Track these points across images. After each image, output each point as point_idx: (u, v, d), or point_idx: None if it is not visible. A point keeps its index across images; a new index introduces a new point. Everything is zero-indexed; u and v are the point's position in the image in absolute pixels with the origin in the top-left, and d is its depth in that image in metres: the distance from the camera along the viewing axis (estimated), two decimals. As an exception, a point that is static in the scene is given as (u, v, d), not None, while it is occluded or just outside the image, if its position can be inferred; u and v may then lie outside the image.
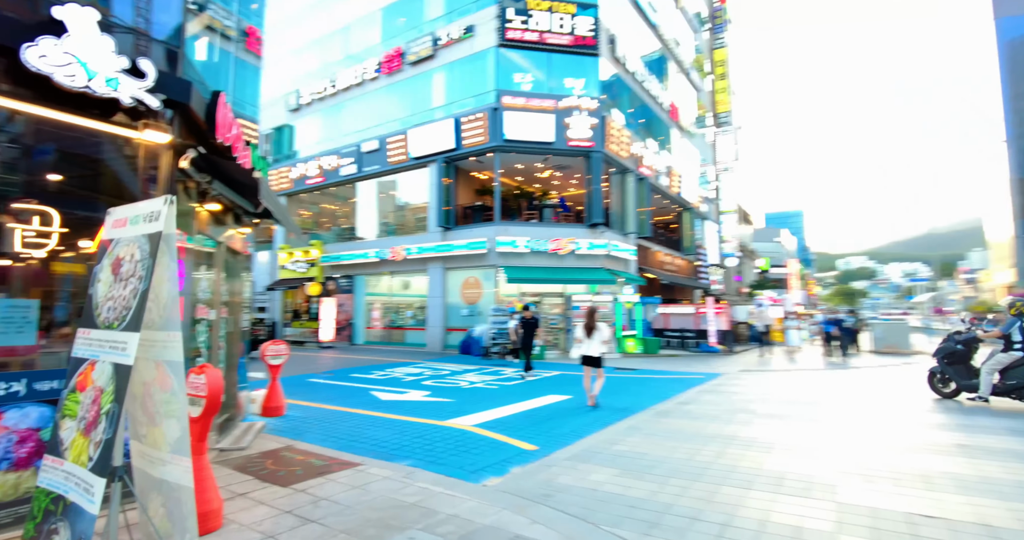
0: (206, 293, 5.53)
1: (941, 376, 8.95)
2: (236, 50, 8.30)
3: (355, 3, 24.76)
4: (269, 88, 27.71)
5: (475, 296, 19.08)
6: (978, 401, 8.33)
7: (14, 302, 3.65)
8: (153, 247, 2.26)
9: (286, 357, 8.04)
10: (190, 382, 3.77)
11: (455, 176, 20.32)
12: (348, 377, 12.43)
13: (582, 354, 8.57)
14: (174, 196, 2.35)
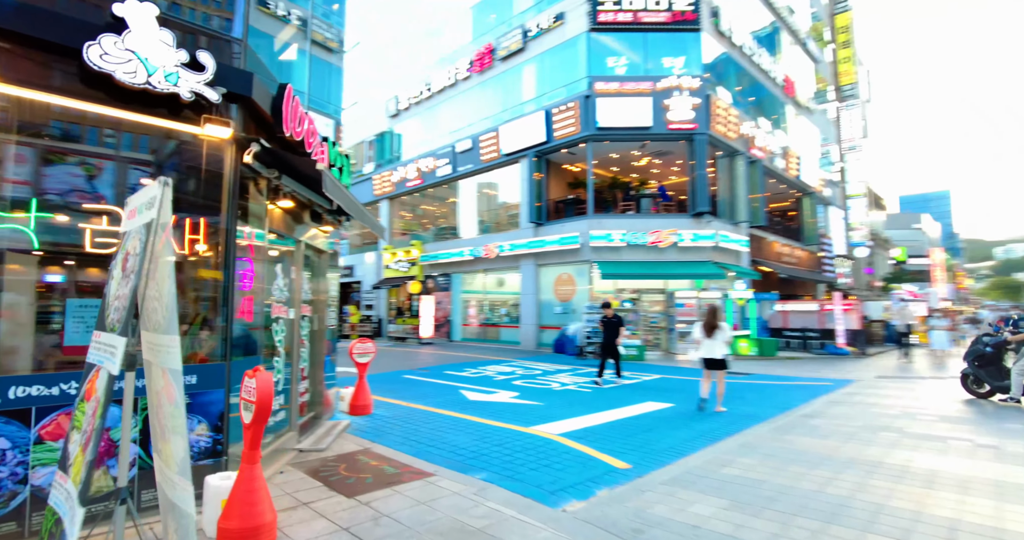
0: (283, 292, 5.46)
1: (974, 378, 9.07)
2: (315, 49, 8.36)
3: (446, 4, 25.08)
4: (373, 95, 29.05)
5: (568, 293, 18.41)
6: (1010, 402, 8.49)
7: (83, 301, 3.67)
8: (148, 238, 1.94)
9: (373, 355, 7.98)
10: (244, 386, 3.58)
11: (546, 170, 19.77)
12: (441, 374, 12.38)
13: (703, 357, 8.01)
14: (168, 179, 2.02)
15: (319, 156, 5.83)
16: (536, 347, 18.73)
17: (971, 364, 9.07)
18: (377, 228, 7.36)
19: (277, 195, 5.21)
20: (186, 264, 4.19)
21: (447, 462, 5.20)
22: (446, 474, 4.78)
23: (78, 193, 3.79)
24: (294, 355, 5.87)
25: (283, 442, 5.54)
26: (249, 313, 4.61)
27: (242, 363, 4.48)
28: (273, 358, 5.28)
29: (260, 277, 4.86)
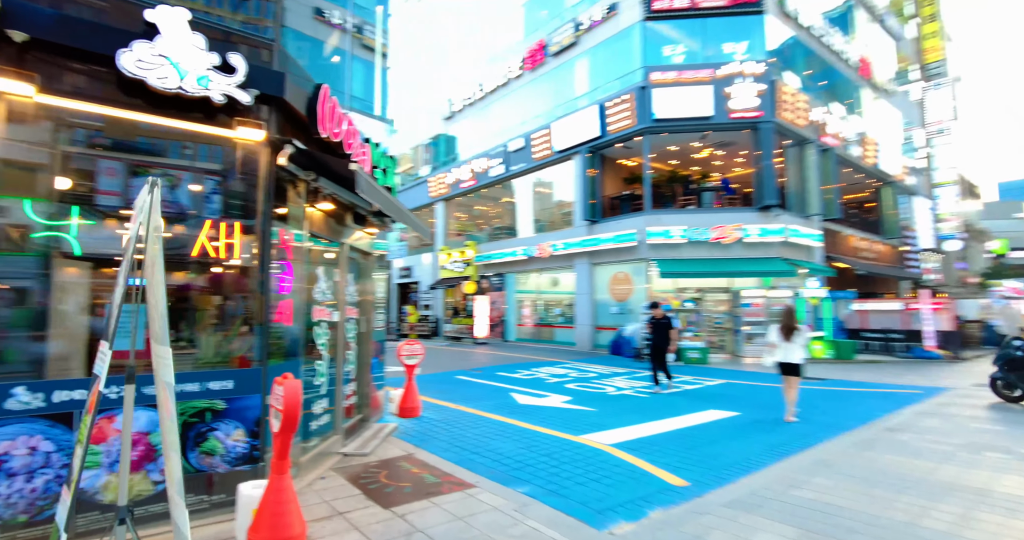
0: (325, 294, 5.41)
1: (1004, 382, 8.83)
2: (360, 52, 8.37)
3: (498, 3, 24.99)
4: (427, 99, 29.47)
5: (625, 293, 17.79)
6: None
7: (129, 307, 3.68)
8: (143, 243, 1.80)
9: (421, 357, 7.89)
10: (273, 393, 3.48)
11: (600, 166, 19.22)
12: (493, 375, 12.21)
13: (779, 361, 7.48)
14: (159, 178, 1.87)
15: (360, 157, 5.75)
16: (592, 348, 18.25)
17: (1000, 368, 8.88)
18: (421, 229, 7.24)
19: (317, 198, 5.15)
20: (222, 268, 4.18)
21: (490, 472, 4.96)
22: (487, 486, 4.54)
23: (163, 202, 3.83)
24: (339, 357, 5.82)
25: (328, 446, 5.50)
26: (287, 316, 4.56)
27: (281, 366, 4.43)
28: (315, 361, 5.23)
29: (300, 280, 4.81)
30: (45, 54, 3.46)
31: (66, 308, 3.64)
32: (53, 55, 3.48)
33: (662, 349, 9.90)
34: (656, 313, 10.00)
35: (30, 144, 3.56)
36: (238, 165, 4.24)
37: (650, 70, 16.80)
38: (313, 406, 5.24)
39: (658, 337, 9.93)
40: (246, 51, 4.23)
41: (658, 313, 9.97)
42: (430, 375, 12.52)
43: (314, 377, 5.21)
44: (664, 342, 9.87)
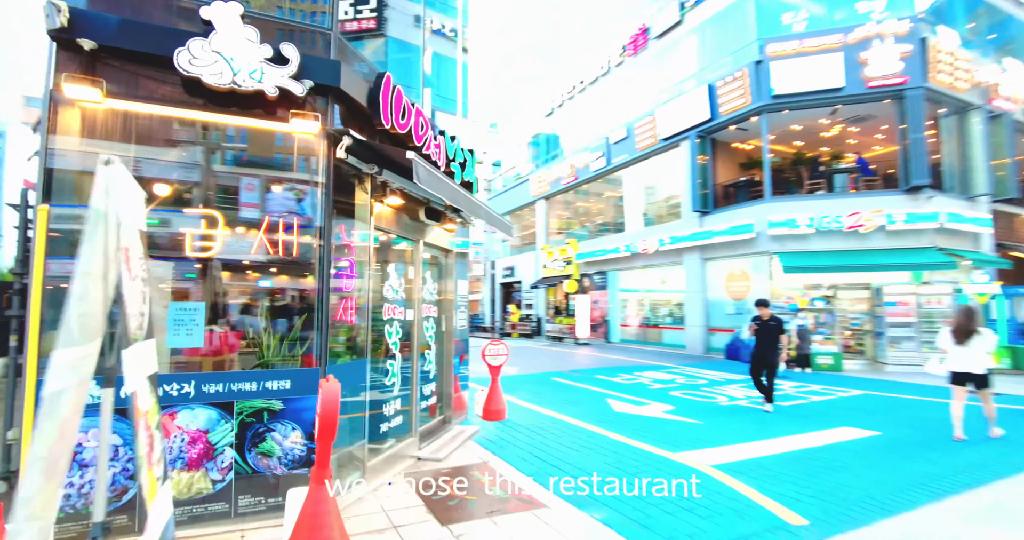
0: (396, 292, 5.23)
1: None
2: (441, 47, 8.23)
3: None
4: (533, 99, 29.36)
5: (742, 291, 16.11)
6: None
7: (182, 305, 3.72)
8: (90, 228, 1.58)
9: (506, 357, 7.54)
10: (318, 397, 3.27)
11: (711, 152, 17.65)
12: (591, 378, 11.58)
13: (953, 370, 6.37)
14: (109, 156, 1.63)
15: (432, 151, 5.51)
16: (704, 352, 16.79)
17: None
18: (498, 224, 6.88)
19: (384, 192, 4.98)
20: (282, 265, 4.11)
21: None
22: (559, 508, 4.03)
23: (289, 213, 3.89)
24: (414, 357, 5.64)
25: (401, 448, 5.32)
26: (351, 314, 4.40)
27: (343, 367, 4.29)
28: (387, 360, 5.06)
29: (366, 277, 4.65)
30: (113, 59, 3.56)
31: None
32: (120, 60, 3.58)
33: (766, 359, 7.94)
34: (763, 313, 8.11)
35: (184, 163, 3.70)
36: (295, 159, 4.15)
37: (767, 42, 15.03)
38: (385, 407, 5.08)
39: (763, 343, 7.97)
40: (302, 41, 4.13)
41: (765, 313, 8.09)
42: (525, 376, 12.19)
43: (385, 377, 5.05)
44: (770, 350, 7.89)
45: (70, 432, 1.40)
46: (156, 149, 3.79)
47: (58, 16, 3.30)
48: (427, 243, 6.04)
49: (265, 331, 4.05)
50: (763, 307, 8.20)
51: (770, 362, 7.94)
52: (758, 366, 8.01)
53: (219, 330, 3.98)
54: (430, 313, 6.20)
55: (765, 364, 7.96)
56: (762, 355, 7.98)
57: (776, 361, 7.99)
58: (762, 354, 7.98)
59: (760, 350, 8.00)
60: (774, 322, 8.01)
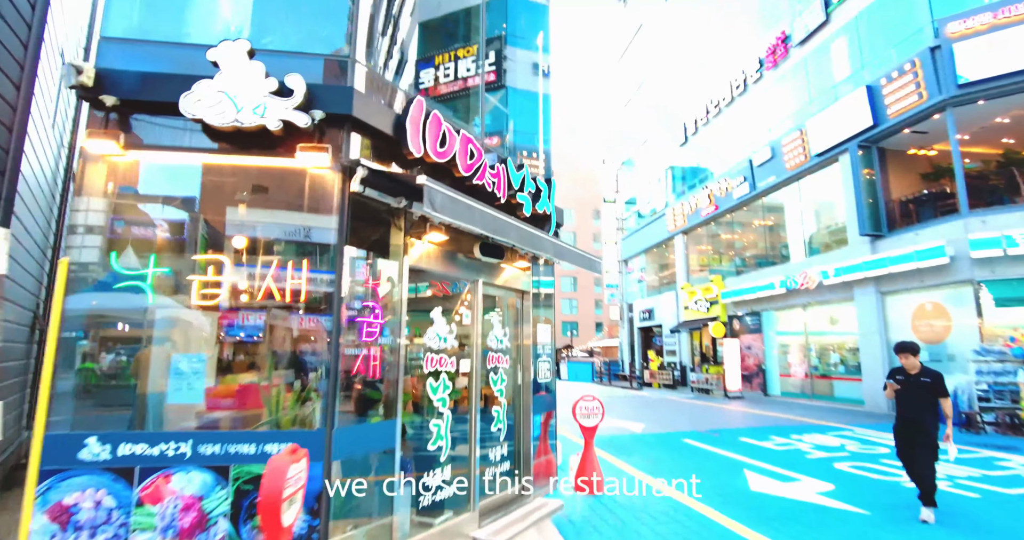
0: (442, 340, 4.60)
1: None
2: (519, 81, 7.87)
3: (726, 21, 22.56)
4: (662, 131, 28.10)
5: (938, 331, 12.63)
6: None
7: (184, 356, 3.47)
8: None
9: (601, 417, 6.43)
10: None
11: (879, 163, 14.67)
12: (733, 441, 9.65)
13: None
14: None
15: (485, 180, 4.94)
16: (889, 409, 13.34)
17: None
18: (579, 259, 6.01)
19: (424, 228, 4.47)
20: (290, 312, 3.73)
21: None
22: None
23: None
24: (472, 415, 4.89)
25: (457, 524, 4.52)
26: (374, 367, 3.85)
27: (362, 430, 3.72)
28: (431, 420, 4.39)
29: (399, 324, 4.10)
30: (129, 111, 3.61)
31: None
32: (135, 111, 3.62)
33: (918, 433, 5.19)
34: (909, 363, 5.33)
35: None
36: (305, 198, 3.83)
37: (944, 22, 12.26)
38: (428, 476, 4.38)
39: (910, 409, 5.28)
40: (315, 71, 3.88)
41: (912, 363, 5.31)
42: (649, 436, 10.63)
43: (429, 440, 4.36)
44: (923, 420, 5.18)
45: None
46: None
47: (78, 77, 3.41)
48: (490, 283, 5.38)
49: (274, 386, 3.66)
50: (908, 355, 5.34)
51: (924, 439, 5.15)
52: (906, 444, 5.32)
53: (251, 380, 3.70)
54: (499, 363, 5.44)
55: (916, 441, 5.21)
56: (911, 427, 5.27)
57: (934, 437, 5.13)
58: (911, 426, 5.27)
59: (907, 420, 5.33)
60: (928, 378, 5.27)
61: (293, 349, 3.85)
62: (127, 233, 3.60)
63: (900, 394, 5.34)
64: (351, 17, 4.07)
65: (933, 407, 5.20)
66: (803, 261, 17.34)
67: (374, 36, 4.49)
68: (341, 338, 3.61)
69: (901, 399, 5.34)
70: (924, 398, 5.21)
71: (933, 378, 5.23)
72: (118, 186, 3.60)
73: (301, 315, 3.71)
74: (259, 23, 4.15)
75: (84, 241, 3.52)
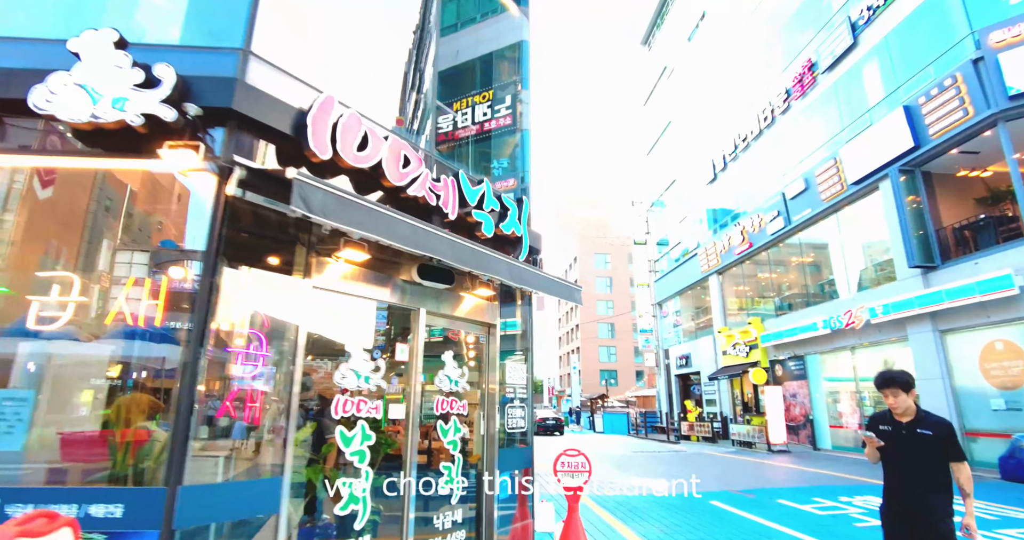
0: (364, 379, 3.84)
1: None
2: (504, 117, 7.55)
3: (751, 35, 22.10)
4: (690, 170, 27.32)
5: (1015, 376, 10.84)
6: None
7: (7, 393, 2.85)
8: None
9: (588, 475, 5.37)
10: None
11: (924, 189, 13.32)
12: (769, 504, 8.23)
13: None
14: None
15: (424, 192, 4.30)
16: (968, 467, 11.37)
17: None
18: (554, 287, 5.21)
19: (337, 244, 3.82)
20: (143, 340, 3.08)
21: None
22: None
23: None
24: (405, 471, 4.03)
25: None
26: (253, 410, 3.12)
27: (225, 488, 2.95)
28: (340, 479, 3.57)
29: (292, 360, 3.39)
30: None
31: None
32: None
33: (919, 518, 3.21)
34: (895, 405, 3.38)
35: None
36: (175, 203, 3.27)
37: (986, 32, 11.26)
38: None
39: (905, 480, 3.35)
40: (197, 63, 3.40)
41: (901, 406, 3.37)
42: (674, 498, 9.24)
43: (339, 505, 3.53)
44: (926, 496, 3.22)
45: None
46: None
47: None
48: (438, 313, 4.63)
49: (119, 431, 2.97)
50: (896, 391, 3.37)
51: (927, 530, 3.17)
52: (899, 522, 3.34)
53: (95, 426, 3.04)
54: (451, 409, 4.61)
55: (916, 533, 3.22)
56: (905, 509, 3.30)
57: (945, 526, 3.14)
58: (906, 506, 3.30)
59: (899, 496, 3.36)
60: (929, 430, 3.30)
61: (155, 386, 3.18)
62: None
63: (887, 454, 3.42)
64: (251, 8, 3.62)
65: (940, 475, 3.23)
66: (848, 299, 15.75)
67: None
68: (205, 371, 2.92)
69: (888, 462, 3.44)
70: (924, 460, 3.26)
71: (937, 430, 3.27)
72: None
73: (154, 344, 3.06)
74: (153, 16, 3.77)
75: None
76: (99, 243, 3.40)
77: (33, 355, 2.97)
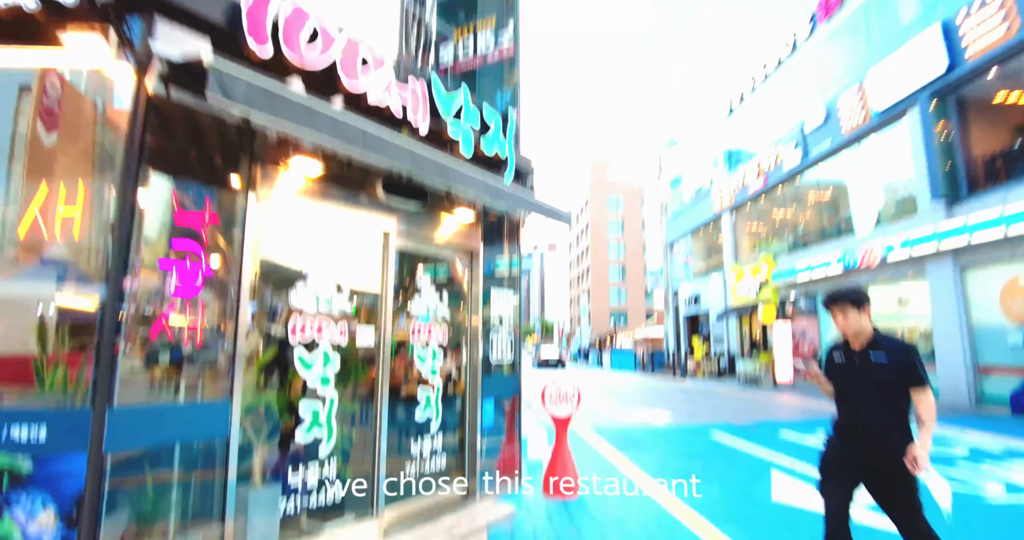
0: (327, 303, 3.58)
1: None
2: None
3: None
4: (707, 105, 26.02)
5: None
6: None
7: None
8: None
9: (576, 405, 5.23)
10: None
11: (956, 115, 12.40)
12: (772, 437, 8.17)
13: None
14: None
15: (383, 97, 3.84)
16: (975, 404, 11.20)
17: None
18: (534, 207, 4.84)
19: (287, 151, 3.44)
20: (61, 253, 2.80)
21: None
22: None
23: None
24: (378, 398, 3.85)
25: (353, 535, 3.52)
26: (192, 331, 2.88)
27: (166, 411, 2.77)
28: (302, 404, 3.39)
29: (241, 278, 3.12)
30: None
31: None
32: None
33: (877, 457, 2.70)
34: (847, 327, 2.82)
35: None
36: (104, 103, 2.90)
37: (1037, -66, 10.02)
38: (306, 471, 3.38)
39: (859, 413, 2.80)
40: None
41: (854, 328, 2.80)
42: (673, 428, 9.27)
43: (300, 429, 3.36)
44: (886, 432, 2.69)
45: None
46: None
47: None
48: (407, 236, 4.31)
49: (42, 352, 2.75)
50: (847, 309, 2.81)
51: (888, 472, 2.67)
52: (841, 478, 2.83)
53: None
54: (429, 336, 4.38)
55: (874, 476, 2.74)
56: (857, 445, 2.79)
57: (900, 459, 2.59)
58: (858, 443, 2.79)
59: (850, 432, 2.86)
60: (885, 354, 2.74)
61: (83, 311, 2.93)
62: None
63: (838, 387, 2.91)
64: None
65: (897, 413, 2.71)
66: (865, 236, 15.15)
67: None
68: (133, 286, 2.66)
69: (840, 393, 2.91)
70: (876, 393, 2.73)
71: (894, 355, 2.71)
72: None
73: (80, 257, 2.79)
74: None
75: None
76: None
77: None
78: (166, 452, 2.94)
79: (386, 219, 4.05)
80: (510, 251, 5.56)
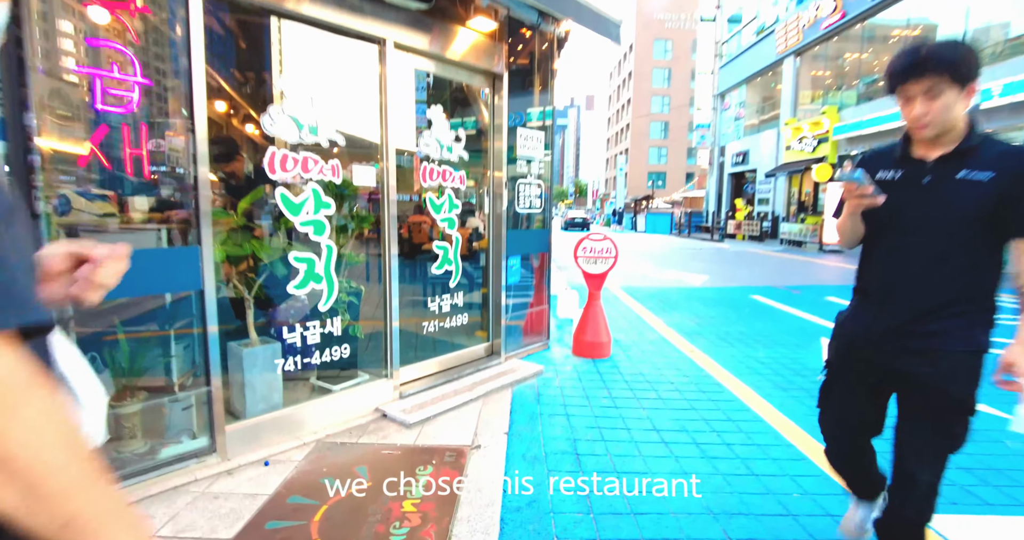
0: (311, 131, 2.87)
1: None
2: None
3: None
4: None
5: None
6: None
7: None
8: None
9: (613, 262, 4.67)
10: None
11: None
12: (815, 302, 7.68)
13: None
14: None
15: None
16: None
17: None
18: (584, 16, 3.78)
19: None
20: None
21: None
22: None
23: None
24: (386, 249, 3.33)
25: (366, 393, 3.27)
26: (133, 159, 2.26)
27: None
28: (293, 253, 2.88)
29: (188, 93, 2.39)
30: None
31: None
32: None
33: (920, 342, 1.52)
34: (926, 111, 1.42)
35: None
36: None
37: None
38: (304, 329, 3.01)
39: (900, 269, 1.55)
40: None
41: (933, 114, 1.42)
42: (711, 289, 8.86)
43: (295, 283, 2.90)
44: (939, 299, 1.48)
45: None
46: None
47: None
48: (415, 49, 3.40)
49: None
50: (934, 82, 1.40)
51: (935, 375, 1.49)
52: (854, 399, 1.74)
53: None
54: (444, 181, 3.70)
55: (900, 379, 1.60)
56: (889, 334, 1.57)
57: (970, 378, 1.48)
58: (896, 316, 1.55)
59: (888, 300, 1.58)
60: (988, 164, 1.42)
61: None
62: None
63: (879, 225, 1.60)
64: None
65: (984, 273, 1.46)
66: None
67: None
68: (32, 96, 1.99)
69: (880, 241, 1.63)
70: (956, 236, 1.45)
71: (1009, 167, 1.39)
72: None
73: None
74: None
75: None
76: None
77: None
78: (134, 306, 2.54)
79: (381, 26, 3.13)
80: (542, 97, 4.59)
